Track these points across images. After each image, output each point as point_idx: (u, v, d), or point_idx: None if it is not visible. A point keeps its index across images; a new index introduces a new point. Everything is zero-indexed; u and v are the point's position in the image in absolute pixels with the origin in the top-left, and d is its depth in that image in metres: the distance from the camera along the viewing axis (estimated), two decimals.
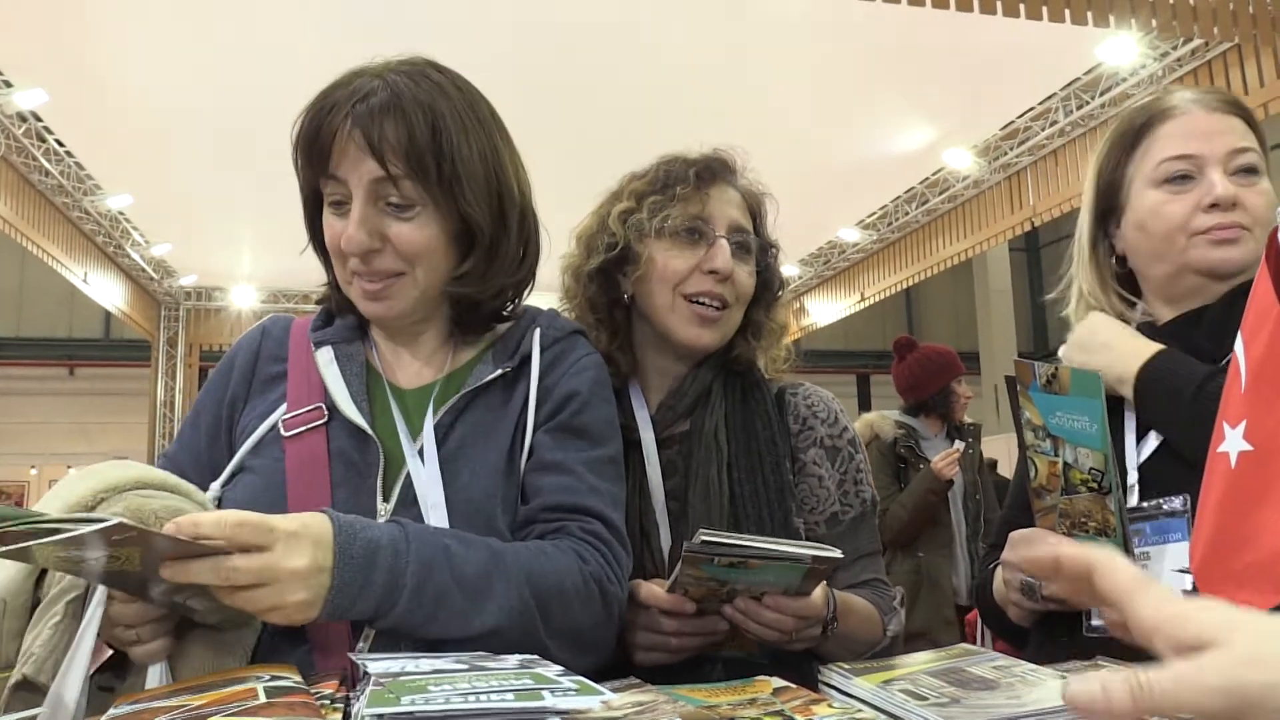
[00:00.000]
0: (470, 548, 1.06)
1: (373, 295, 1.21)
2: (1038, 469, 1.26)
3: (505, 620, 1.04)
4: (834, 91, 6.92)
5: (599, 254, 1.50)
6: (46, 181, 8.26)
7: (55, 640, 0.94)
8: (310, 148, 1.18)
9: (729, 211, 1.49)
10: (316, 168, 1.19)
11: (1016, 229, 8.82)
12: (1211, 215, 1.32)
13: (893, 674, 0.89)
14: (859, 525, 1.48)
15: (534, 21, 5.82)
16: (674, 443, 1.48)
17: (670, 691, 0.88)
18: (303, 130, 1.19)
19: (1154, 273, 1.41)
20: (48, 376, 15.91)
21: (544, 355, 1.28)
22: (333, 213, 1.21)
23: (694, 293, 1.45)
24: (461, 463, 1.18)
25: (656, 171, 1.51)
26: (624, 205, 1.50)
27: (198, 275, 11.67)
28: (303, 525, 0.95)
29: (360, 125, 1.14)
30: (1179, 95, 1.41)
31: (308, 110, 1.19)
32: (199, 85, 6.65)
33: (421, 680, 0.69)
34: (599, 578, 1.13)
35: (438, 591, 1.00)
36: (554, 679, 0.72)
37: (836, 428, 1.50)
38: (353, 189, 1.17)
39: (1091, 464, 1.18)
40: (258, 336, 1.35)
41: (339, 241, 1.18)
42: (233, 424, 1.28)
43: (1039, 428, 1.24)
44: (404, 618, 0.99)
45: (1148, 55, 6.72)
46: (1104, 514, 1.19)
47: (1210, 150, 1.34)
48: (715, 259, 1.44)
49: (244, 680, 0.78)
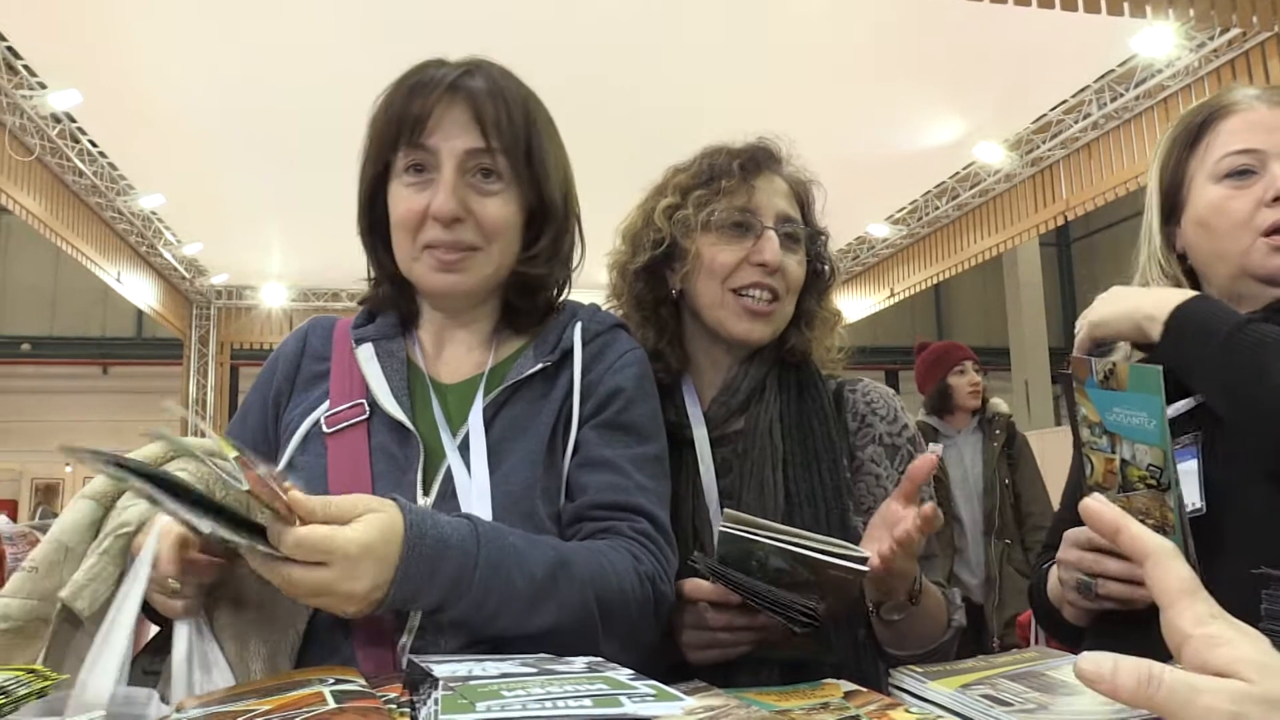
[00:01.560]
0: (536, 548, 1.05)
1: (448, 266, 1.21)
2: (1094, 466, 1.23)
3: (567, 620, 1.03)
4: (863, 85, 6.87)
5: (645, 251, 1.47)
6: (80, 182, 8.35)
7: (99, 569, 0.98)
8: (402, 115, 1.19)
9: (776, 201, 1.45)
10: (401, 137, 1.20)
11: (1049, 223, 8.74)
12: (1275, 210, 1.28)
13: (969, 677, 0.86)
14: None
15: (566, 18, 5.81)
16: (728, 441, 1.45)
17: (740, 695, 0.86)
18: (392, 100, 1.22)
19: (1215, 273, 1.38)
20: (81, 375, 16.09)
21: (586, 349, 1.27)
22: (409, 184, 1.21)
23: (743, 285, 1.42)
24: (502, 454, 1.18)
25: (700, 164, 1.48)
26: (669, 200, 1.47)
27: (229, 274, 11.78)
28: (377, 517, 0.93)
29: (464, 96, 1.20)
30: (1240, 91, 1.38)
31: (398, 84, 1.23)
32: (231, 86, 6.70)
33: (493, 685, 0.66)
34: (652, 577, 1.12)
35: (503, 593, 0.99)
36: (628, 684, 0.70)
37: (896, 425, 1.46)
38: (444, 159, 1.19)
39: (1150, 460, 1.15)
40: (302, 336, 1.36)
41: (416, 211, 1.20)
42: (277, 421, 1.30)
43: (1095, 424, 1.21)
44: (469, 612, 0.99)
45: (1183, 46, 6.61)
46: (1163, 511, 1.16)
47: (1273, 144, 1.30)
48: (764, 251, 1.41)
49: (307, 684, 0.76)
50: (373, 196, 1.26)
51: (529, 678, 0.71)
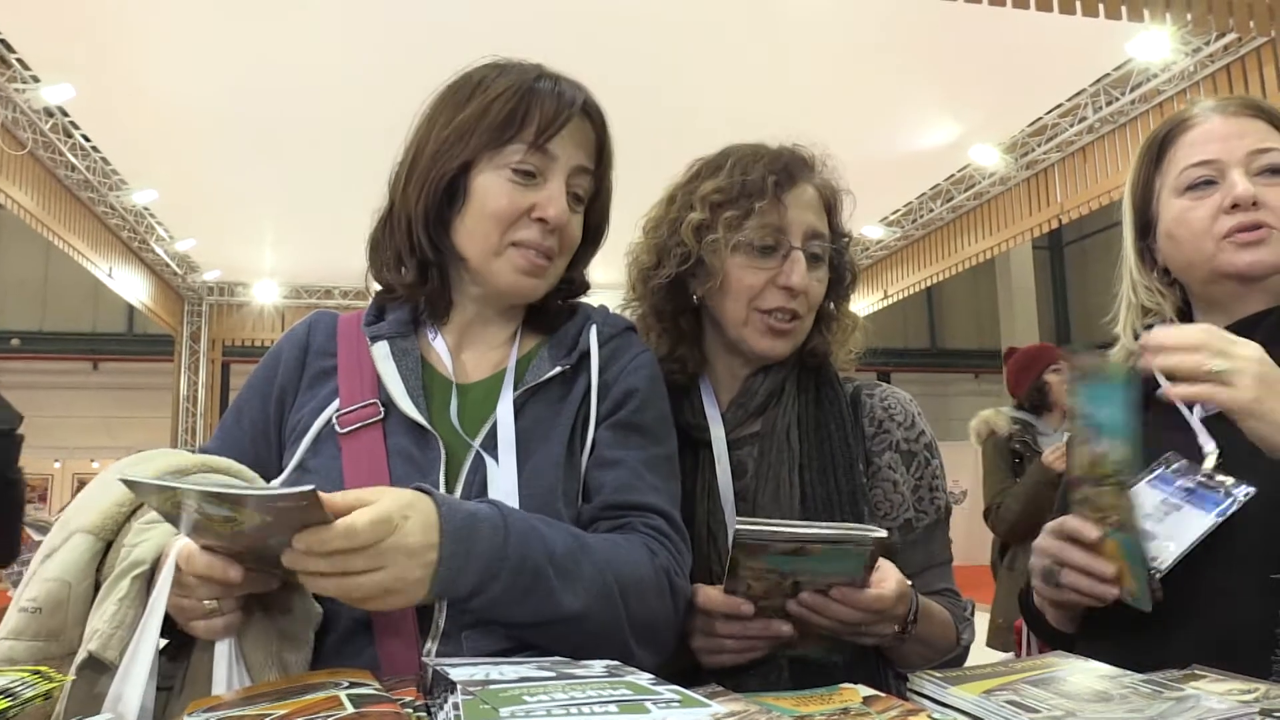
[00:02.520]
0: (555, 529, 1.06)
1: (537, 269, 1.23)
2: (1079, 458, 1.23)
3: (593, 604, 1.03)
4: (858, 87, 6.87)
5: (671, 265, 1.44)
6: (72, 176, 8.30)
7: (121, 615, 0.94)
8: (535, 116, 1.20)
9: (805, 217, 1.42)
10: (525, 134, 1.20)
11: (1043, 226, 8.75)
12: (1234, 216, 1.30)
13: (991, 683, 0.84)
14: (933, 533, 1.44)
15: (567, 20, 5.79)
16: (745, 443, 1.44)
17: (760, 700, 0.84)
18: (517, 96, 1.21)
19: (1191, 281, 1.40)
20: (71, 370, 16.01)
21: (601, 352, 1.28)
22: (513, 180, 1.21)
23: (769, 308, 1.41)
24: (523, 457, 1.17)
25: (732, 175, 1.43)
26: (698, 216, 1.42)
27: (221, 270, 11.74)
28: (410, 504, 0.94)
29: (590, 115, 1.26)
30: (1199, 105, 1.41)
31: (513, 78, 1.22)
32: (225, 82, 6.67)
33: (514, 690, 0.65)
34: (668, 570, 1.13)
35: (535, 567, 1.00)
36: (651, 688, 0.68)
37: (913, 431, 1.45)
38: (558, 169, 1.22)
39: (1117, 456, 1.16)
40: (304, 331, 1.33)
41: (522, 207, 1.20)
42: (282, 420, 1.26)
43: (1081, 417, 1.21)
44: (502, 594, 0.98)
45: (1180, 51, 6.62)
46: (1126, 509, 1.16)
47: (1229, 152, 1.33)
48: (791, 275, 1.39)
49: (323, 688, 0.75)
50: (452, 180, 1.22)
51: (549, 682, 0.69)
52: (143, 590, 0.95)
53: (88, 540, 1.00)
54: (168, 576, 0.92)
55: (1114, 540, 1.17)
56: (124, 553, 0.98)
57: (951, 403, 16.84)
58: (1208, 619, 1.19)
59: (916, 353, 17.71)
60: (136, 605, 0.94)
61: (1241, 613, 1.17)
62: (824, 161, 1.49)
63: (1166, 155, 1.40)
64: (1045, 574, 1.27)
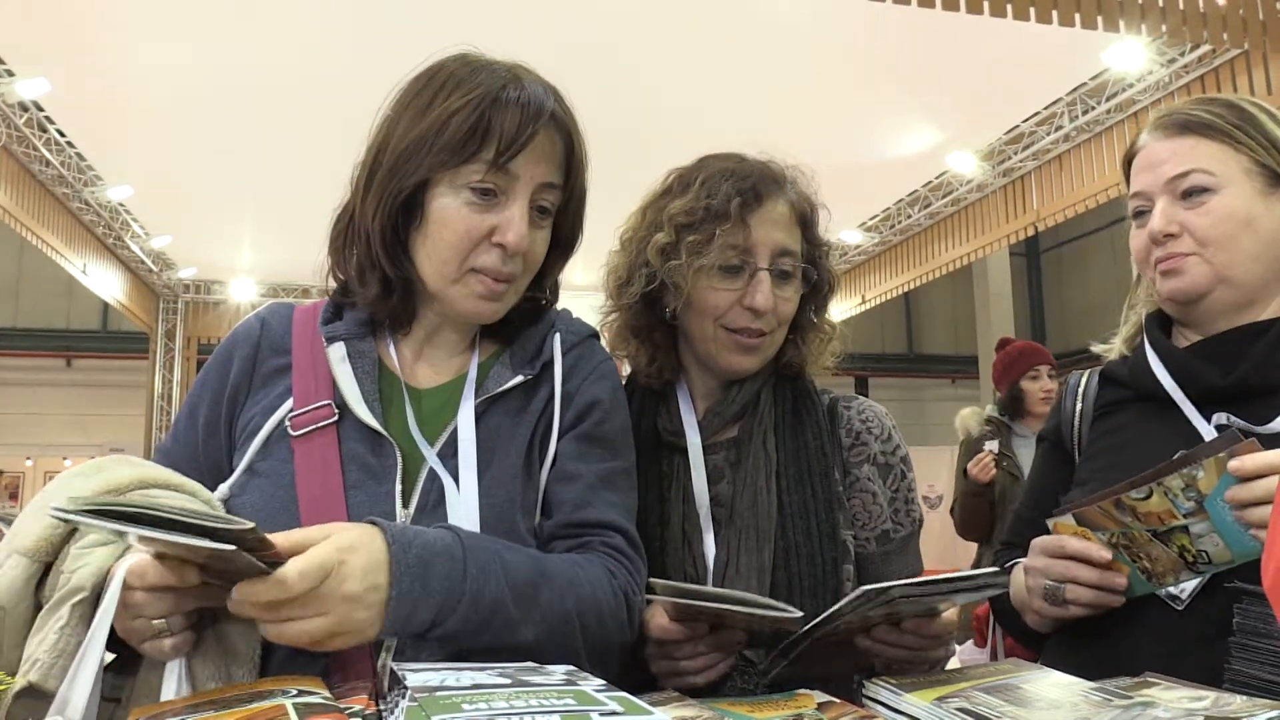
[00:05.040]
0: (517, 555, 1.04)
1: (494, 295, 1.18)
2: (1151, 499, 1.15)
3: (551, 633, 1.02)
4: (838, 93, 6.90)
5: (639, 283, 1.44)
6: (47, 172, 8.22)
7: (62, 645, 0.90)
8: (495, 132, 1.12)
9: (773, 236, 1.40)
10: (483, 153, 1.12)
11: (1020, 233, 8.82)
12: (1160, 246, 1.35)
13: (944, 690, 0.85)
14: (908, 544, 1.45)
15: (544, 20, 5.78)
16: (721, 448, 1.44)
17: (714, 706, 0.85)
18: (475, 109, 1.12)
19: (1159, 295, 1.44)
20: (45, 367, 15.82)
21: (564, 359, 1.26)
22: (470, 202, 1.14)
23: (736, 327, 1.41)
24: (482, 466, 1.15)
25: (698, 197, 1.40)
26: (663, 238, 1.41)
27: (197, 268, 11.65)
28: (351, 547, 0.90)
29: (558, 129, 1.18)
30: (1149, 126, 1.43)
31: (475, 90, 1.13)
32: (203, 78, 6.62)
33: (457, 698, 0.65)
34: (626, 590, 1.12)
35: (493, 599, 0.98)
36: (599, 698, 0.68)
37: (890, 444, 1.46)
38: (520, 189, 1.15)
39: (1211, 551, 1.13)
40: (256, 327, 1.28)
41: (480, 232, 1.14)
42: (233, 419, 1.22)
43: (1196, 489, 1.12)
44: (460, 626, 0.96)
45: (1155, 61, 6.70)
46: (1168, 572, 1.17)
47: (1154, 182, 1.37)
48: (755, 296, 1.38)
49: (270, 695, 0.74)
50: (410, 197, 1.16)
51: (499, 689, 0.69)
52: (85, 616, 0.92)
53: (23, 563, 0.97)
54: (113, 598, 0.89)
55: (1119, 561, 1.20)
56: (62, 579, 0.95)
57: (928, 408, 16.93)
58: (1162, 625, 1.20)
59: (894, 358, 17.77)
60: (78, 632, 0.91)
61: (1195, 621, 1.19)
62: (799, 174, 1.48)
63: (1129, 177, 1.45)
64: (1048, 593, 1.26)
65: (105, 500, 0.81)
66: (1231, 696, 0.87)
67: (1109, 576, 1.20)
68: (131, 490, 1.02)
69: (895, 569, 1.42)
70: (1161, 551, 1.16)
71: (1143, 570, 1.18)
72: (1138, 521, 1.16)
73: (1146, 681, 0.95)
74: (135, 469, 1.06)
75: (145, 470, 1.06)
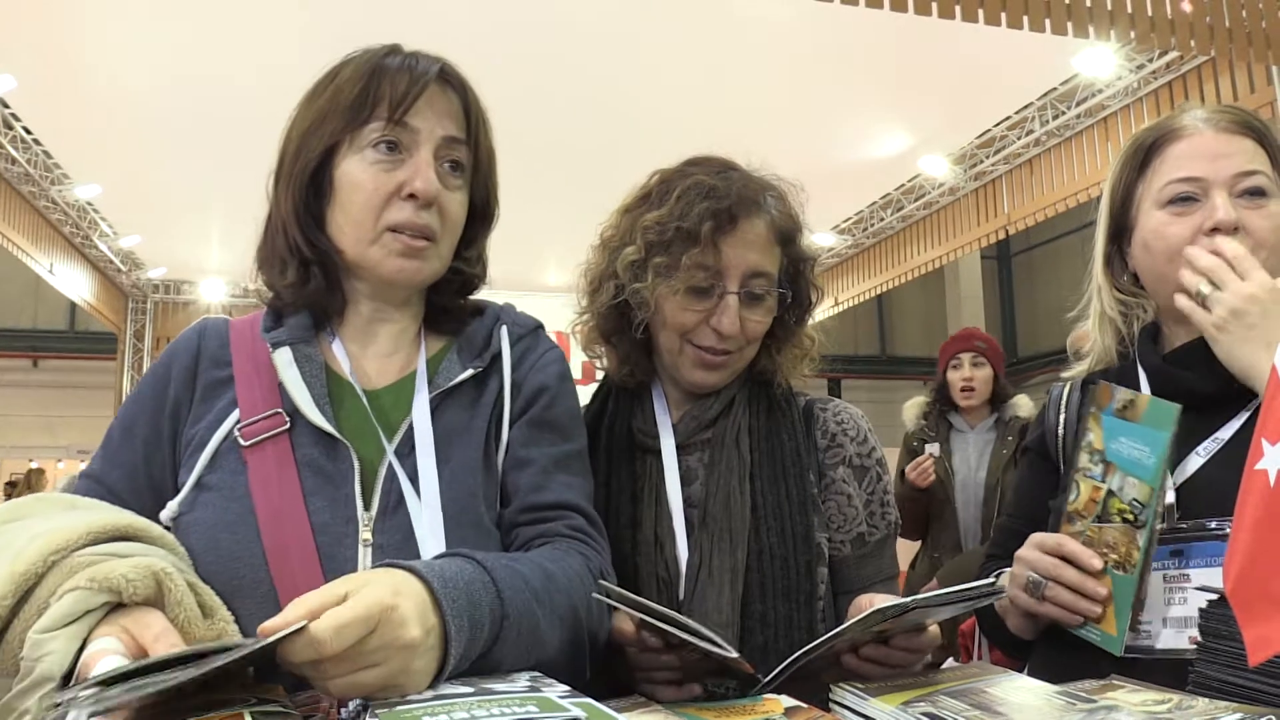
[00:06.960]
0: (522, 563, 1.02)
1: (414, 251, 1.18)
2: (1080, 492, 1.24)
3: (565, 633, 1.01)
4: (811, 96, 6.91)
5: (606, 294, 1.44)
6: (13, 169, 8.10)
7: None
8: (384, 90, 1.16)
9: (747, 258, 1.38)
10: (379, 110, 1.16)
11: (991, 237, 8.89)
12: (1212, 240, 1.29)
13: (911, 694, 0.85)
14: (883, 547, 1.45)
15: (515, 22, 5.77)
16: (694, 449, 1.44)
17: (680, 712, 0.84)
18: (368, 73, 1.17)
19: (1158, 294, 1.40)
20: (11, 368, 15.62)
21: (512, 351, 1.27)
22: (376, 161, 1.16)
23: (702, 345, 1.40)
24: (441, 461, 1.15)
25: (672, 213, 1.38)
26: (633, 253, 1.40)
27: (166, 268, 11.51)
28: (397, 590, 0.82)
29: (453, 85, 1.22)
30: (1190, 114, 1.39)
31: (370, 60, 1.19)
32: (171, 75, 6.55)
33: (418, 710, 0.64)
34: (599, 572, 1.13)
35: (531, 615, 0.96)
36: (561, 705, 0.67)
37: (865, 447, 1.46)
38: (422, 141, 1.17)
39: (1135, 495, 1.17)
40: (194, 339, 1.26)
41: (388, 188, 1.16)
42: (176, 435, 1.19)
43: (1096, 451, 1.23)
44: (507, 651, 0.92)
45: (1124, 67, 6.77)
46: (1129, 548, 1.18)
47: (1215, 173, 1.32)
48: (721, 320, 1.37)
49: (229, 704, 0.73)
50: (316, 172, 1.19)
51: (461, 699, 0.68)
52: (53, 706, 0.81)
53: None
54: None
55: (1109, 577, 1.19)
56: (24, 666, 0.85)
57: (900, 409, 17.02)
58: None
59: (866, 360, 17.87)
60: None
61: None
62: (785, 188, 1.46)
63: (1152, 163, 1.39)
64: (1030, 586, 1.27)
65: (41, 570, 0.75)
66: (1194, 699, 0.88)
67: (1089, 581, 1.20)
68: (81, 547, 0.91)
69: (870, 572, 1.41)
70: (1113, 532, 1.19)
71: (1116, 565, 1.19)
72: (1084, 519, 1.22)
73: (1111, 684, 0.95)
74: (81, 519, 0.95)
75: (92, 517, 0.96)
